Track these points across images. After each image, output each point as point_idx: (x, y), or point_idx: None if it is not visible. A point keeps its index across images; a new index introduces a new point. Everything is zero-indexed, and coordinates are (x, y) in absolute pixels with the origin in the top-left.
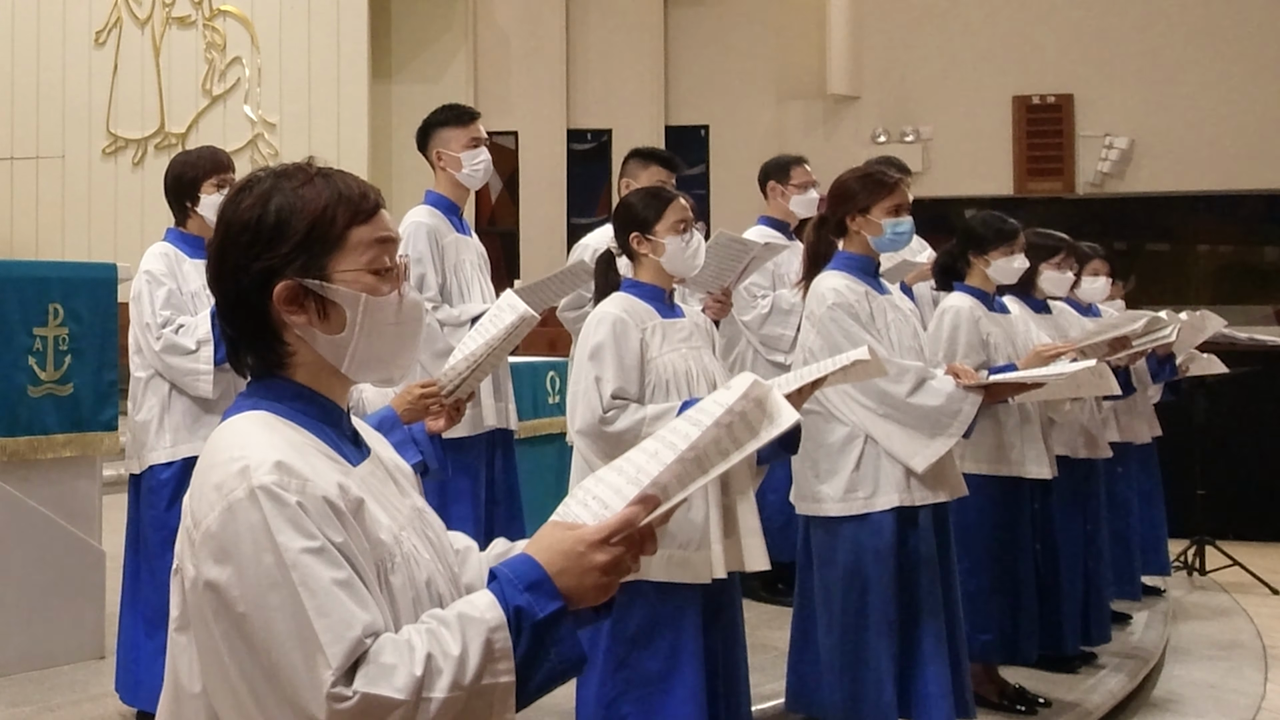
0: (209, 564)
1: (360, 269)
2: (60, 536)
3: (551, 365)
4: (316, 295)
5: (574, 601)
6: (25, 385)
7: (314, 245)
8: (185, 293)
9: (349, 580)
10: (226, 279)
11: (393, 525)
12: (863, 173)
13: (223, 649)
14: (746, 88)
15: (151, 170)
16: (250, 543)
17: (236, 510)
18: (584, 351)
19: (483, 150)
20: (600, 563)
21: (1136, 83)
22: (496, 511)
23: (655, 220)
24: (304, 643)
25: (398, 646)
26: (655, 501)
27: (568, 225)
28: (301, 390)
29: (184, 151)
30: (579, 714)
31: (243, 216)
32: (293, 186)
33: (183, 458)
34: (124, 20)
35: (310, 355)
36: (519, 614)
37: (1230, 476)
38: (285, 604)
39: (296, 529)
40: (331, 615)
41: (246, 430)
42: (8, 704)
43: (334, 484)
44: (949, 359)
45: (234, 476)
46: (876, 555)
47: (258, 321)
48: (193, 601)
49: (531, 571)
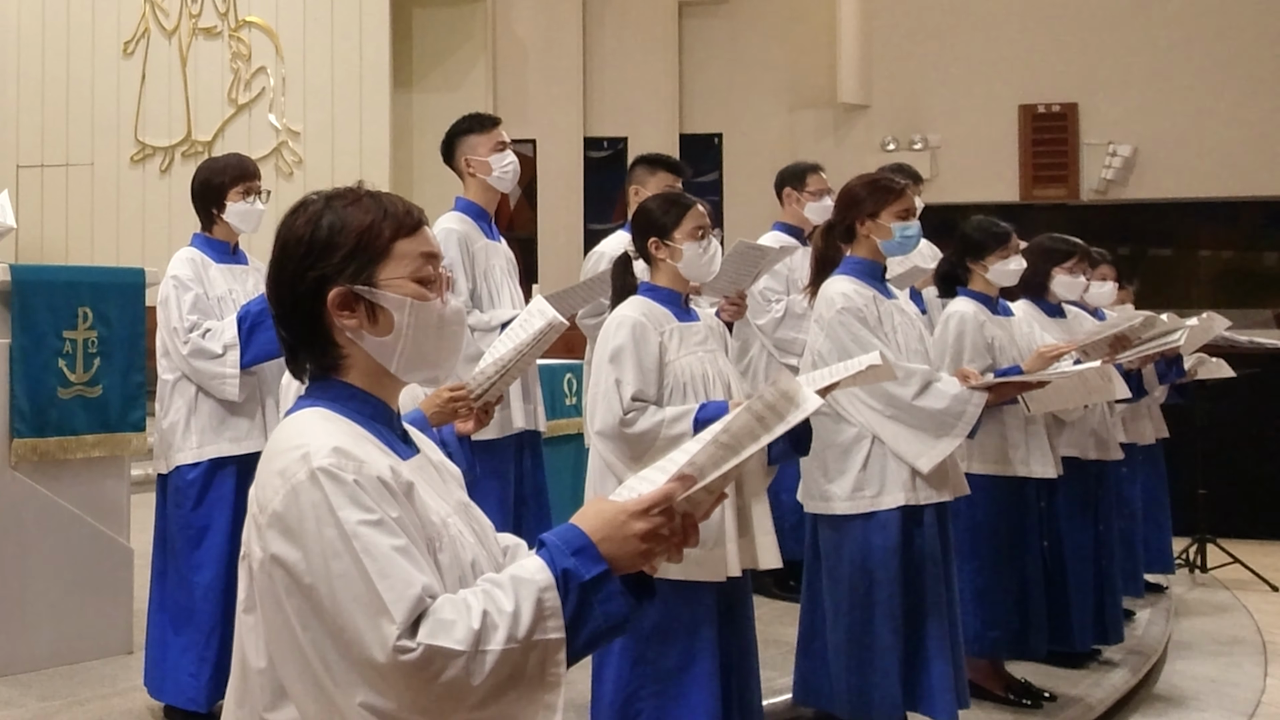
0: (277, 542)
1: (405, 277)
2: (89, 534)
3: (568, 368)
4: (366, 300)
5: (616, 566)
6: (55, 387)
7: (363, 255)
8: (212, 297)
9: (406, 547)
10: (284, 289)
11: (440, 509)
12: (870, 179)
13: (294, 622)
14: (759, 96)
15: (178, 177)
16: (314, 519)
17: (299, 491)
18: (603, 354)
19: (509, 153)
20: (640, 530)
21: (1139, 92)
22: (525, 511)
23: (674, 226)
24: (368, 604)
25: (456, 605)
26: (691, 480)
27: (585, 231)
28: (355, 391)
29: (211, 158)
30: (595, 707)
31: (297, 233)
32: (342, 205)
33: (209, 458)
34: (152, 31)
35: (362, 358)
36: (566, 575)
37: (1231, 476)
38: (348, 570)
39: (355, 504)
40: (392, 576)
41: (305, 423)
42: (38, 698)
43: (387, 467)
44: (954, 363)
45: (296, 462)
46: (883, 552)
47: (313, 327)
48: (260, 581)
49: (577, 538)
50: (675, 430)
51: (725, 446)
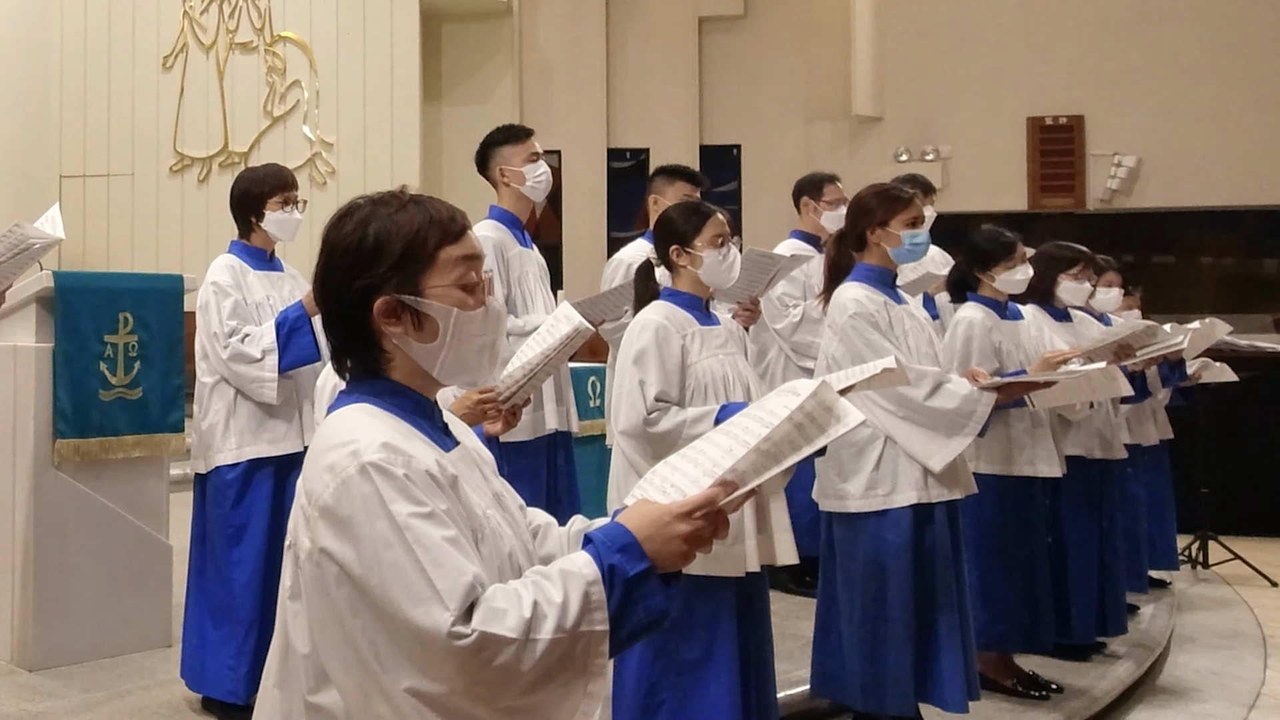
0: (326, 534)
1: (450, 284)
2: (129, 532)
3: (592, 370)
4: (412, 309)
5: (659, 564)
6: (97, 389)
7: (408, 264)
8: (250, 303)
9: (457, 538)
10: (330, 296)
11: (481, 501)
12: (880, 189)
13: (344, 609)
14: (776, 109)
15: (215, 187)
16: (365, 512)
17: (350, 485)
18: (627, 356)
19: (542, 163)
20: (683, 532)
21: (1143, 104)
22: (559, 508)
23: (695, 235)
24: (421, 593)
25: (507, 594)
26: (734, 486)
27: (608, 239)
28: (398, 387)
29: (250, 169)
30: (618, 698)
31: (344, 241)
32: (388, 212)
33: (248, 459)
34: (190, 45)
35: (405, 361)
36: (612, 571)
37: (1232, 475)
38: (400, 561)
39: (406, 497)
40: (445, 566)
41: (353, 418)
42: (80, 689)
43: (434, 460)
44: (963, 366)
45: (346, 457)
46: (895, 549)
47: (358, 332)
48: (309, 571)
49: (623, 536)
50: (697, 430)
51: (767, 454)
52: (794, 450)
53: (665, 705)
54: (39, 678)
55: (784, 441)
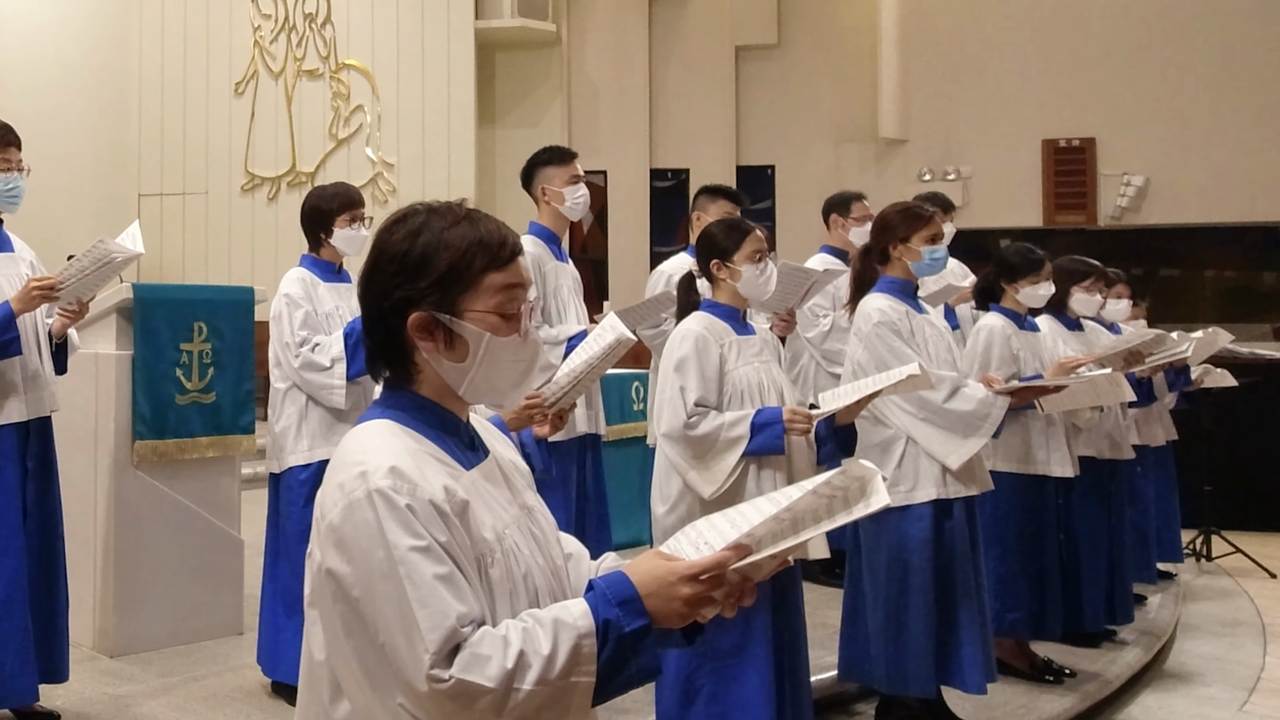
0: (331, 553)
1: (488, 310)
2: (204, 527)
3: (635, 376)
4: (446, 327)
5: (658, 622)
6: (173, 394)
7: (450, 283)
8: (320, 313)
9: (450, 575)
10: (371, 299)
11: (496, 524)
12: (902, 207)
13: (339, 627)
14: (807, 132)
15: (284, 204)
16: (365, 538)
17: (355, 508)
18: (669, 363)
19: (582, 185)
20: (686, 595)
21: (1151, 128)
22: (587, 506)
23: (734, 250)
24: (407, 628)
25: (494, 640)
26: (746, 550)
27: (650, 253)
28: (425, 403)
29: (320, 187)
30: (659, 684)
31: (393, 247)
32: (441, 226)
33: (318, 460)
34: (260, 73)
35: (434, 376)
36: (608, 625)
37: (1234, 474)
38: (393, 593)
39: (405, 529)
40: (431, 606)
41: (370, 437)
42: (158, 674)
43: (441, 488)
44: (983, 370)
45: (355, 479)
46: (917, 542)
47: (393, 339)
48: (317, 583)
49: (625, 590)
50: (733, 433)
51: (786, 523)
52: (815, 522)
53: (704, 691)
54: (119, 663)
55: (807, 513)
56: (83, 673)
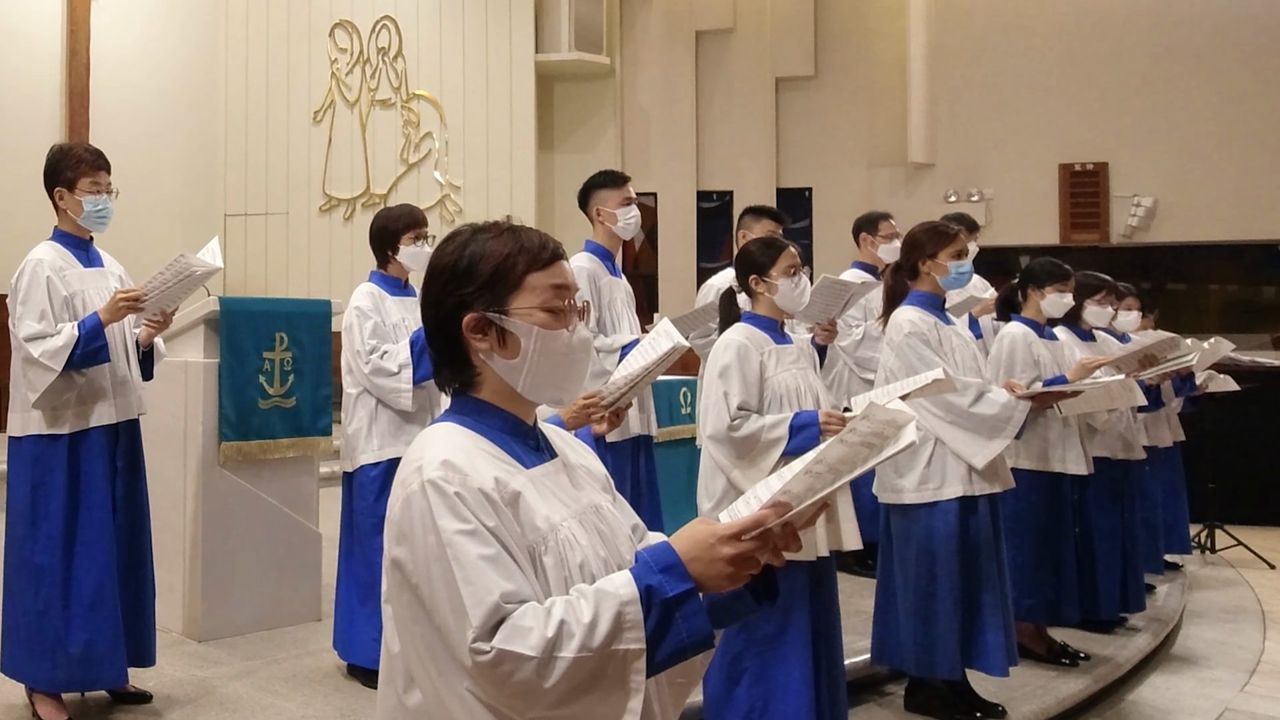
0: (394, 545)
1: (535, 306)
2: (284, 522)
3: (684, 382)
4: (497, 325)
5: (704, 586)
6: (256, 399)
7: (496, 285)
8: (388, 324)
9: (495, 556)
10: (430, 310)
11: (552, 515)
12: (929, 225)
13: (406, 617)
14: (842, 157)
15: (359, 224)
16: (420, 526)
17: (412, 500)
18: (714, 371)
19: (634, 207)
20: (728, 555)
21: (1160, 154)
22: (640, 503)
23: (770, 265)
24: (455, 607)
25: (537, 613)
26: (786, 507)
27: (697, 268)
28: (486, 406)
29: (386, 208)
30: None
31: (444, 260)
32: (485, 238)
33: (388, 458)
34: (337, 102)
35: (493, 377)
36: (650, 591)
37: (1236, 472)
38: (443, 575)
39: (453, 514)
40: (475, 584)
41: (434, 436)
42: (242, 658)
43: (491, 479)
44: (1006, 374)
45: (412, 474)
46: (944, 536)
47: (452, 347)
48: (389, 577)
49: (667, 556)
50: (773, 435)
51: (822, 474)
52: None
53: (748, 672)
54: (206, 647)
55: (841, 461)
56: (173, 656)
